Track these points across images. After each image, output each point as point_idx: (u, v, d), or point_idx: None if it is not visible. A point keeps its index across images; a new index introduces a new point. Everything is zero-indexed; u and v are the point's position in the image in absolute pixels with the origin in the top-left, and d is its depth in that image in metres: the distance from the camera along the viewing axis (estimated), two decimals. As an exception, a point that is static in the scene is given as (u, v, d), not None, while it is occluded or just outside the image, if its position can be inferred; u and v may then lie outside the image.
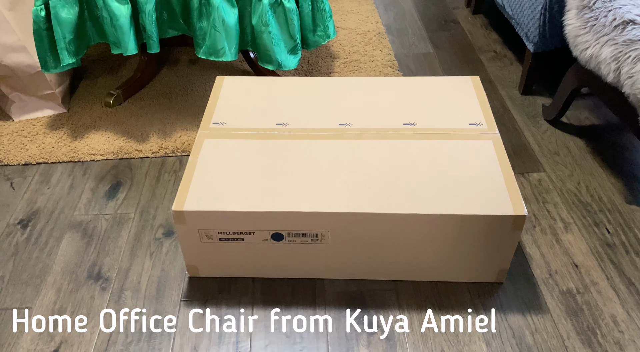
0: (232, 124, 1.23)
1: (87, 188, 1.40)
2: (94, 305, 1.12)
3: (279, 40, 1.43)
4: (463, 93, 1.31)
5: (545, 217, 1.30)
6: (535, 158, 1.47)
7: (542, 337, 1.05)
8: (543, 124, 1.60)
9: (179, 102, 1.69)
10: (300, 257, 1.12)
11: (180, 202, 1.05)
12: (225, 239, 1.09)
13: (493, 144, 1.16)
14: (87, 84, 1.77)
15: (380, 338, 1.05)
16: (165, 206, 1.35)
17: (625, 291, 1.13)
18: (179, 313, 1.11)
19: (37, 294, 1.15)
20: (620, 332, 1.06)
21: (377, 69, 1.83)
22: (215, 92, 1.33)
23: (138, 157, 1.49)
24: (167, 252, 1.23)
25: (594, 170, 1.43)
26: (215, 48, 1.40)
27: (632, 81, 1.12)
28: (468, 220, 1.03)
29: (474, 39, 2.02)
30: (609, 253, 1.21)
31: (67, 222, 1.31)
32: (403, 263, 1.12)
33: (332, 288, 1.15)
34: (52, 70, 1.45)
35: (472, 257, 1.10)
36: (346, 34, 2.02)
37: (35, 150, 1.51)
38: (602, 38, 1.21)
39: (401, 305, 1.11)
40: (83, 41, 1.45)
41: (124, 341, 1.06)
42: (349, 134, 1.20)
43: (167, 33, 1.48)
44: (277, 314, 1.10)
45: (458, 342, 1.04)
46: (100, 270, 1.20)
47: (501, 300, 1.12)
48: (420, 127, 1.21)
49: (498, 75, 1.81)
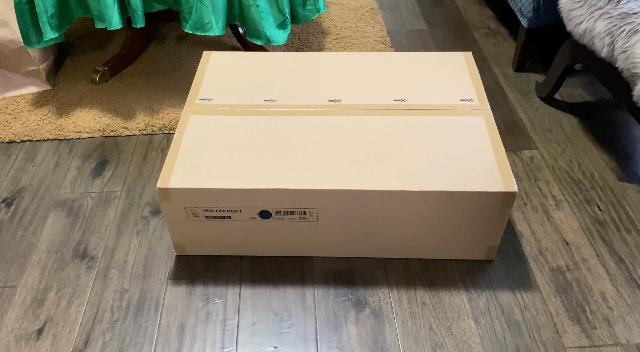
0: (218, 100, 1.20)
1: (73, 166, 1.38)
2: (80, 284, 1.11)
3: (267, 14, 1.40)
4: (455, 69, 1.29)
5: (536, 195, 1.29)
6: (528, 135, 1.46)
7: (531, 314, 1.05)
8: (536, 101, 1.58)
9: (167, 79, 1.66)
10: (288, 235, 1.11)
11: (165, 179, 1.03)
12: (212, 217, 1.07)
13: (484, 120, 1.14)
14: (73, 61, 1.73)
15: (369, 315, 1.05)
16: (152, 184, 1.33)
17: (615, 268, 1.13)
18: (166, 291, 1.10)
19: (22, 273, 1.13)
20: (609, 308, 1.05)
21: (369, 45, 1.80)
22: (202, 68, 1.30)
23: (125, 134, 1.47)
24: (154, 230, 1.22)
25: (587, 148, 1.42)
26: (202, 22, 1.37)
27: (626, 55, 1.10)
28: (458, 197, 1.01)
29: (467, 15, 1.98)
30: (600, 230, 1.20)
31: (52, 200, 1.29)
32: (392, 241, 1.11)
33: (321, 266, 1.14)
34: (34, 45, 1.41)
35: (462, 234, 1.09)
36: (338, 10, 1.98)
37: (19, 128, 1.48)
38: (597, 12, 1.18)
39: (390, 282, 1.10)
40: (66, 15, 1.41)
41: (109, 319, 1.05)
42: (338, 111, 1.17)
43: (153, 7, 1.44)
44: (264, 292, 1.09)
45: (447, 319, 1.04)
46: (86, 249, 1.18)
47: (491, 277, 1.11)
48: (411, 103, 1.19)
49: (491, 51, 1.79)
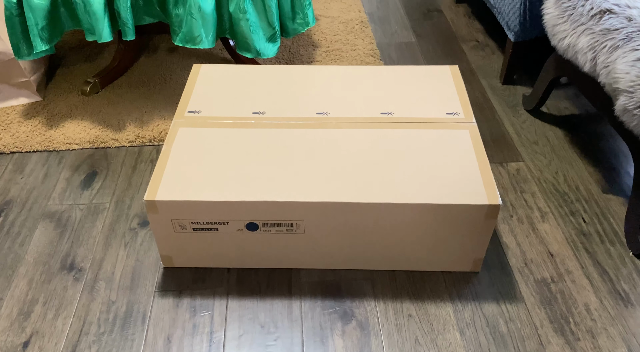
0: (207, 113, 1.21)
1: (62, 178, 1.38)
2: (67, 296, 1.11)
3: (257, 28, 1.42)
4: (441, 82, 1.30)
5: (522, 207, 1.30)
6: (514, 148, 1.47)
7: (515, 326, 1.05)
8: (523, 113, 1.60)
9: (157, 91, 1.67)
10: (275, 247, 1.12)
11: (153, 191, 1.04)
12: (199, 229, 1.08)
13: (469, 133, 1.16)
14: (64, 72, 1.74)
15: (355, 327, 1.05)
16: (141, 196, 1.33)
17: (599, 280, 1.14)
18: (153, 303, 1.10)
19: (8, 285, 1.13)
20: (592, 320, 1.07)
21: (358, 58, 1.82)
22: (191, 80, 1.31)
23: (114, 146, 1.47)
24: (142, 242, 1.22)
25: (572, 160, 1.43)
26: (192, 35, 1.38)
27: (608, 70, 1.12)
28: (443, 209, 1.02)
29: (456, 28, 2.01)
30: (584, 242, 1.22)
31: (40, 212, 1.29)
32: (379, 253, 1.12)
33: (308, 278, 1.14)
34: (25, 57, 1.42)
35: (448, 246, 1.10)
36: (328, 23, 2.01)
37: (8, 139, 1.48)
38: (579, 27, 1.20)
39: (377, 294, 1.11)
40: (57, 28, 1.42)
41: (96, 331, 1.05)
42: (326, 123, 1.19)
43: (143, 20, 1.45)
44: (251, 304, 1.09)
45: (432, 331, 1.05)
46: (73, 260, 1.18)
47: (476, 289, 1.12)
48: (398, 116, 1.20)
49: (480, 64, 1.81)
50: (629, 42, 1.09)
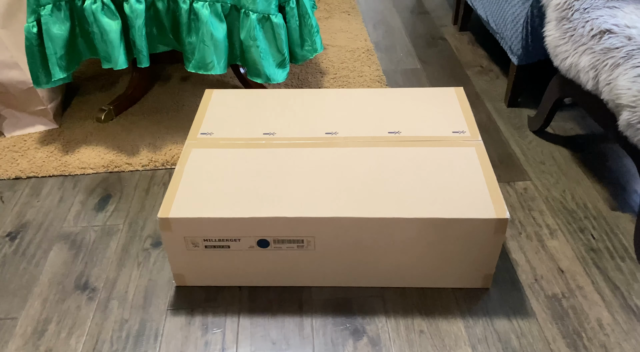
0: (219, 134, 1.25)
1: (77, 201, 1.41)
2: (80, 315, 1.12)
3: (267, 55, 1.46)
4: (447, 103, 1.33)
5: (531, 224, 1.31)
6: (521, 167, 1.49)
7: (527, 341, 1.05)
8: (529, 134, 1.62)
9: (170, 117, 1.71)
10: (286, 264, 1.13)
11: (166, 209, 1.06)
12: (211, 247, 1.10)
13: (476, 150, 1.18)
14: (80, 101, 1.79)
15: (367, 344, 1.05)
16: (154, 218, 1.35)
17: (611, 295, 1.13)
18: (166, 322, 1.11)
19: (24, 305, 1.14)
20: (605, 335, 1.06)
21: (365, 84, 1.86)
22: (204, 104, 1.35)
23: (128, 170, 1.51)
24: (155, 262, 1.24)
25: (579, 179, 1.45)
26: (204, 62, 1.43)
27: (610, 87, 1.15)
28: (451, 224, 1.04)
29: (460, 54, 2.05)
30: (594, 258, 1.22)
31: (55, 234, 1.31)
32: (389, 269, 1.13)
33: (319, 295, 1.15)
34: (43, 85, 1.47)
35: (457, 262, 1.10)
36: (335, 51, 2.06)
37: (25, 165, 1.52)
38: (580, 47, 1.24)
39: (387, 311, 1.11)
40: (74, 56, 1.48)
41: (109, 349, 1.05)
42: (335, 143, 1.21)
43: (157, 48, 1.50)
44: (263, 322, 1.10)
45: (444, 347, 1.04)
46: (87, 280, 1.20)
47: (487, 305, 1.12)
48: (405, 135, 1.23)
49: (484, 88, 1.85)
50: (629, 59, 1.12)
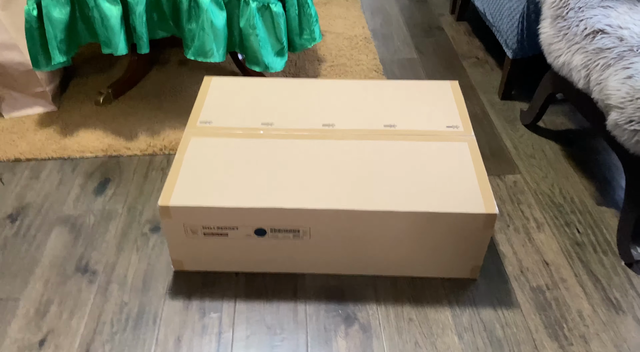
0: (218, 123, 1.27)
1: (76, 184, 1.43)
2: (81, 297, 1.16)
3: (265, 43, 1.48)
4: (442, 97, 1.36)
5: (519, 217, 1.35)
6: (512, 161, 1.53)
7: (511, 331, 1.10)
8: (520, 128, 1.65)
9: (168, 102, 1.73)
10: (282, 253, 1.17)
11: (166, 197, 1.09)
12: (210, 234, 1.13)
13: (468, 146, 1.21)
14: (78, 83, 1.80)
15: (358, 330, 1.10)
16: (153, 203, 1.38)
17: (592, 288, 1.19)
18: (164, 305, 1.14)
19: (25, 286, 1.18)
20: (585, 326, 1.11)
21: (362, 73, 1.88)
22: (202, 92, 1.37)
23: (127, 155, 1.53)
24: (154, 247, 1.27)
25: (568, 173, 1.49)
26: (204, 49, 1.44)
27: (600, 87, 1.18)
28: (442, 217, 1.07)
29: (457, 45, 2.07)
30: (578, 252, 1.27)
31: (55, 217, 1.34)
32: (381, 259, 1.17)
33: (314, 283, 1.19)
34: (43, 68, 1.48)
35: (447, 253, 1.15)
36: (333, 38, 2.07)
37: (25, 147, 1.54)
38: (574, 46, 1.27)
39: (379, 299, 1.16)
40: (74, 40, 1.48)
41: (109, 331, 1.09)
42: (332, 135, 1.24)
43: (157, 34, 1.51)
44: (258, 307, 1.14)
45: (432, 335, 1.09)
46: (87, 263, 1.23)
47: (474, 295, 1.17)
48: (400, 128, 1.26)
49: (479, 80, 1.87)
50: (620, 60, 1.15)
